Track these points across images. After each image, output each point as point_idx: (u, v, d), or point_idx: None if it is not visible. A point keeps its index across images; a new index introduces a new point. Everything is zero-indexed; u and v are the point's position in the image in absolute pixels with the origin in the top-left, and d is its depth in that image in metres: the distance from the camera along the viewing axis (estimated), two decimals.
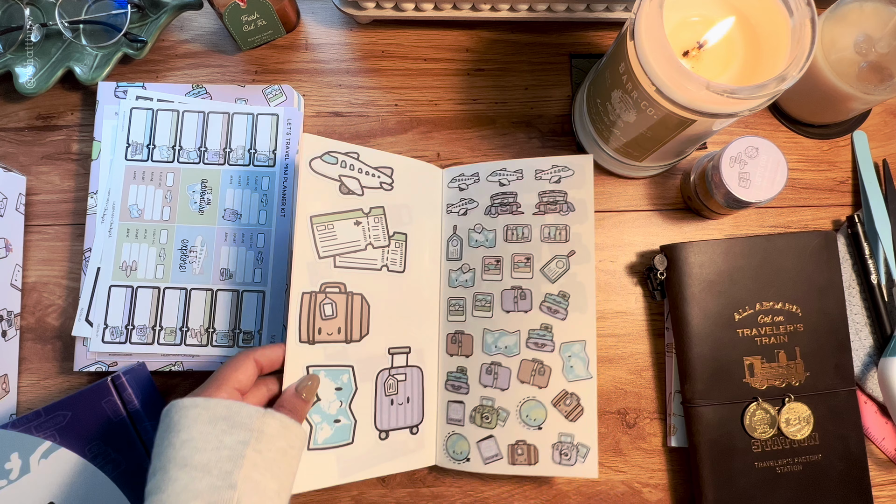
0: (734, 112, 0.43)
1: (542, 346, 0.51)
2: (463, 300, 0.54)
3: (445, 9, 0.57)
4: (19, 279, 0.55)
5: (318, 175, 0.49)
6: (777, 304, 0.55)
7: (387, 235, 0.52)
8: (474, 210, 0.55)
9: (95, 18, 0.57)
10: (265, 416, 0.40)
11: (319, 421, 0.47)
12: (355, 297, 0.50)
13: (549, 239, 0.52)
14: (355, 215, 0.51)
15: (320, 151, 0.49)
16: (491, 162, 0.55)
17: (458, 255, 0.55)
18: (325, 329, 0.48)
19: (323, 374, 0.47)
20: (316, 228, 0.49)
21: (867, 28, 0.53)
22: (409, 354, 0.52)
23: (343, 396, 0.48)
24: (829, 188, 0.60)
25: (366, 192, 0.52)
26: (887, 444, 0.56)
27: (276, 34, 0.59)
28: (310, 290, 0.48)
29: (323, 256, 0.49)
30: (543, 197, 0.53)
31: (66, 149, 0.58)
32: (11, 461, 0.46)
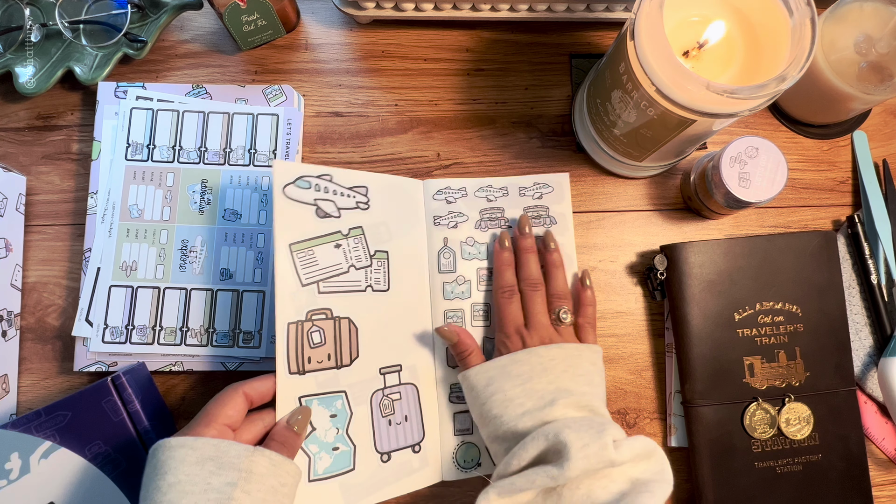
0: (734, 112, 0.43)
1: None
2: (461, 312, 0.54)
3: (445, 9, 0.57)
4: (19, 279, 0.55)
5: (293, 201, 0.49)
6: (777, 304, 0.55)
7: (368, 255, 0.52)
8: (465, 224, 0.56)
9: (95, 18, 0.57)
10: (254, 454, 0.40)
11: (317, 451, 0.46)
12: (342, 322, 0.49)
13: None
14: (335, 238, 0.50)
15: (293, 177, 0.49)
16: (475, 179, 0.56)
17: (451, 268, 0.55)
18: (315, 357, 0.47)
19: (316, 402, 0.47)
20: (296, 256, 0.48)
21: (867, 28, 0.53)
22: (400, 372, 0.52)
23: (339, 423, 0.48)
24: (829, 188, 0.60)
25: (343, 213, 0.51)
26: (887, 444, 0.56)
27: (276, 34, 0.59)
28: (296, 320, 0.47)
29: (306, 284, 0.48)
30: (528, 212, 0.56)
31: (66, 149, 0.58)
32: (11, 461, 0.46)
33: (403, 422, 0.51)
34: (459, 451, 0.52)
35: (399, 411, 0.51)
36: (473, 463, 0.52)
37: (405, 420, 0.51)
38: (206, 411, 0.42)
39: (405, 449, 0.51)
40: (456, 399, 0.53)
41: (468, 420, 0.53)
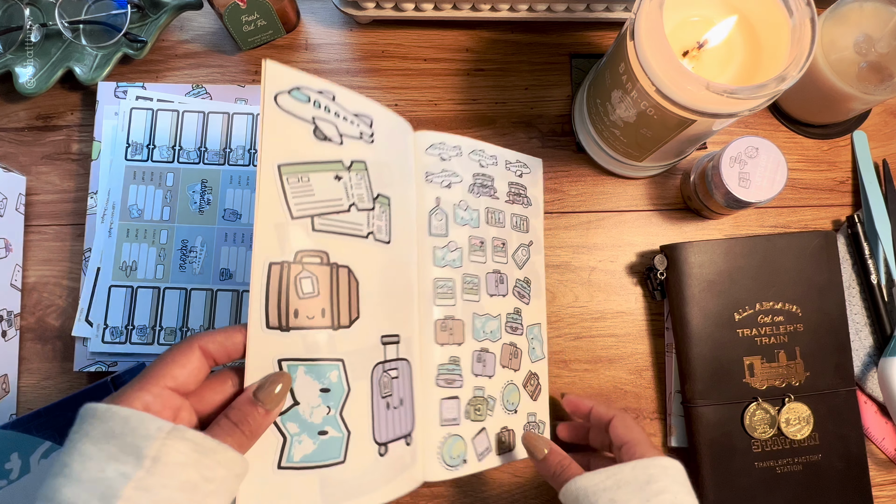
0: (734, 112, 0.43)
1: (515, 329, 0.52)
2: (452, 282, 0.47)
3: (445, 9, 0.57)
4: (19, 279, 0.55)
5: (287, 114, 0.38)
6: (777, 304, 0.55)
7: (371, 197, 0.42)
8: (459, 185, 0.50)
9: (95, 18, 0.57)
10: (169, 436, 0.30)
11: (297, 432, 0.36)
12: (341, 271, 0.39)
13: (517, 228, 0.54)
14: (335, 168, 0.40)
15: (288, 85, 0.39)
16: (470, 138, 0.52)
17: (443, 231, 0.48)
18: (305, 310, 0.37)
19: (303, 370, 0.36)
20: (287, 180, 0.38)
21: (867, 28, 0.53)
22: (398, 345, 0.42)
23: (332, 401, 0.37)
24: (829, 188, 0.60)
25: (345, 141, 0.41)
26: (887, 444, 0.56)
27: (276, 34, 0.59)
28: (280, 260, 0.36)
29: (297, 216, 0.37)
30: (511, 187, 0.54)
31: (66, 149, 0.58)
32: (11, 461, 0.46)
33: (399, 406, 0.42)
34: (445, 446, 0.45)
35: (397, 392, 0.41)
36: (460, 459, 0.45)
37: (401, 404, 0.42)
38: (149, 368, 0.33)
39: (400, 440, 0.41)
40: (443, 383, 0.46)
41: (455, 407, 0.46)
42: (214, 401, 0.34)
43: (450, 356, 0.46)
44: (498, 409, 0.49)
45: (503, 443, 0.49)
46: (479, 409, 0.48)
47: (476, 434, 0.47)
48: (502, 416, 0.50)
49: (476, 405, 0.48)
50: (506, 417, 0.50)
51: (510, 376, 0.51)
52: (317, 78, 0.40)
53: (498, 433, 0.49)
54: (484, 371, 0.49)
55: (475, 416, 0.47)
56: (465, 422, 0.46)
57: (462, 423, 0.46)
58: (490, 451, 0.48)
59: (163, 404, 0.32)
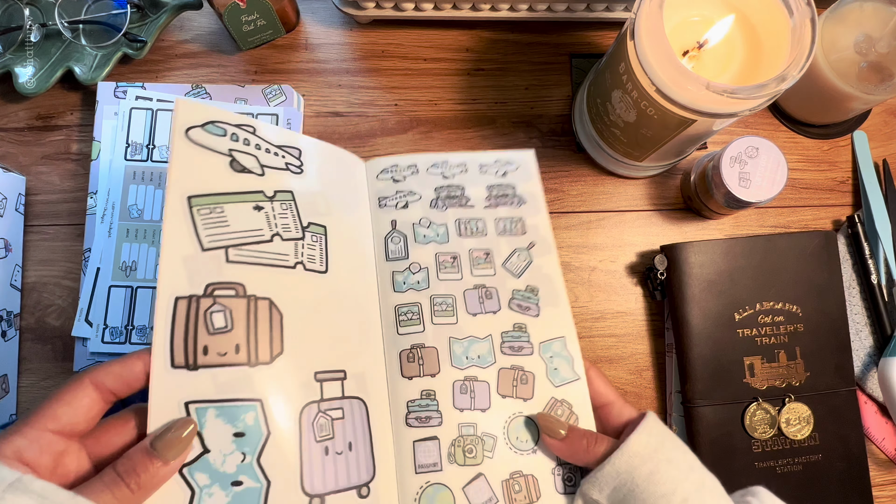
0: (734, 112, 0.43)
1: (520, 349, 0.43)
2: (417, 306, 0.43)
3: (445, 9, 0.57)
4: (19, 279, 0.55)
5: (199, 146, 0.37)
6: (777, 304, 0.55)
7: (299, 226, 0.40)
8: (417, 203, 0.46)
9: (95, 18, 0.57)
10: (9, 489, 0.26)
11: (207, 483, 0.32)
12: (261, 303, 0.36)
13: (506, 232, 0.47)
14: (254, 198, 0.39)
15: (200, 120, 0.38)
16: (427, 153, 0.48)
17: (402, 254, 0.45)
18: (215, 347, 0.34)
19: (213, 412, 0.33)
20: (197, 212, 0.36)
21: (867, 28, 0.53)
22: (344, 381, 0.39)
23: (247, 446, 0.33)
24: (829, 188, 0.60)
25: (267, 171, 0.40)
26: (887, 444, 0.56)
27: (276, 34, 0.59)
28: (188, 294, 0.34)
29: (208, 248, 0.36)
30: (492, 190, 0.48)
31: (66, 149, 0.58)
32: None
33: (346, 451, 0.37)
34: (424, 497, 0.39)
35: (341, 436, 0.37)
36: None
37: (349, 449, 0.37)
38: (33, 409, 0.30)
39: (348, 491, 0.36)
40: (415, 421, 0.40)
41: (434, 450, 0.39)
42: (114, 444, 0.31)
43: (421, 390, 0.41)
44: (502, 450, 0.40)
45: (517, 492, 0.40)
46: (472, 450, 0.40)
47: (469, 482, 0.39)
48: (510, 458, 0.40)
49: (465, 446, 0.40)
50: (517, 459, 0.40)
51: (517, 407, 0.42)
52: (235, 113, 0.40)
53: (506, 480, 0.40)
54: (473, 404, 0.41)
55: (465, 460, 0.40)
56: (449, 466, 0.39)
57: (445, 469, 0.39)
58: (496, 501, 0.39)
59: (41, 449, 0.29)
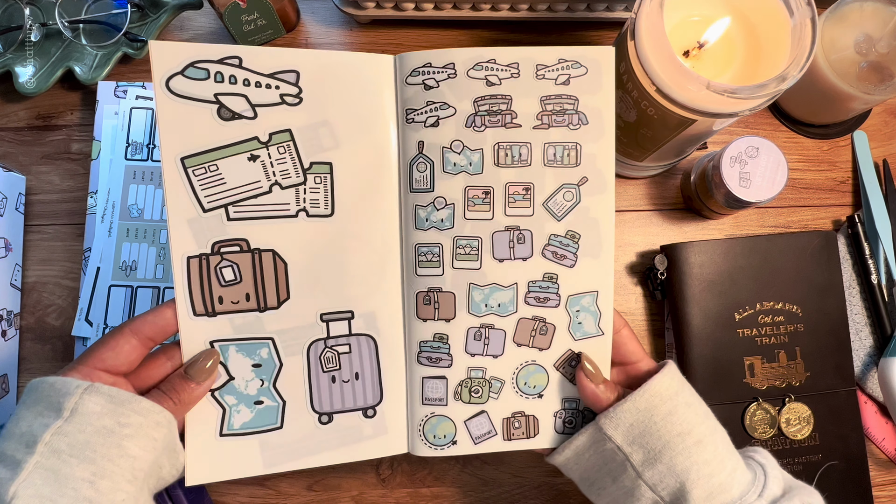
0: (734, 112, 0.43)
1: (545, 300, 0.41)
2: (438, 247, 0.41)
3: (445, 9, 0.57)
4: (19, 279, 0.55)
5: (182, 99, 0.37)
6: (777, 304, 0.55)
7: (300, 169, 0.40)
8: (449, 120, 0.40)
9: (95, 18, 0.57)
10: (87, 392, 0.34)
11: (235, 403, 0.40)
12: (265, 255, 0.40)
13: (555, 162, 0.40)
14: (248, 147, 0.39)
15: (180, 64, 0.37)
16: (471, 49, 0.40)
17: (427, 185, 0.41)
18: (228, 297, 0.39)
19: (234, 349, 0.40)
20: (192, 173, 0.38)
21: (867, 28, 0.53)
22: (351, 320, 0.42)
23: (264, 374, 0.40)
24: (829, 188, 0.60)
25: (260, 112, 0.39)
26: (887, 444, 0.56)
27: (276, 34, 0.59)
28: (197, 254, 0.38)
29: (209, 209, 0.38)
30: (547, 104, 0.40)
31: (66, 148, 0.58)
32: None
33: (353, 380, 0.42)
34: (427, 424, 0.42)
35: (347, 367, 0.42)
36: (448, 440, 0.42)
37: (355, 378, 0.42)
38: (83, 353, 0.37)
39: (353, 412, 0.42)
40: (426, 361, 0.42)
41: (441, 387, 0.42)
42: (153, 376, 0.39)
43: (434, 333, 0.42)
44: (508, 393, 0.42)
45: (516, 428, 0.43)
46: (478, 391, 0.42)
47: (471, 416, 0.43)
48: (515, 401, 0.42)
49: (472, 387, 0.42)
50: (522, 402, 0.42)
51: (531, 355, 0.42)
52: (215, 45, 0.38)
53: (507, 418, 0.42)
54: (486, 351, 0.42)
55: (470, 398, 0.42)
56: (454, 403, 0.42)
57: (450, 405, 0.42)
58: (494, 434, 0.43)
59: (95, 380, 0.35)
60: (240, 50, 0.38)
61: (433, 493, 0.54)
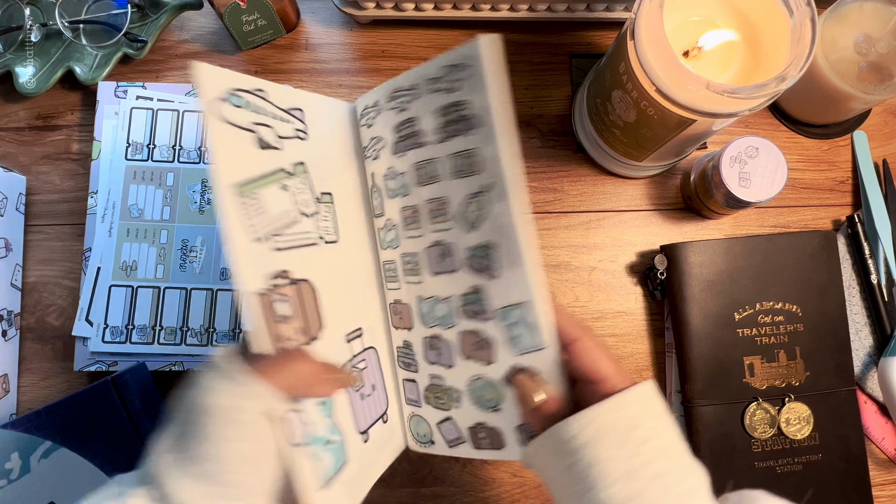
0: (734, 112, 0.43)
1: (477, 313, 0.39)
2: (394, 264, 0.44)
3: (445, 9, 0.57)
4: (19, 279, 0.55)
5: (229, 126, 0.35)
6: (777, 303, 0.55)
7: (314, 199, 0.40)
8: (383, 150, 0.43)
9: (95, 18, 0.57)
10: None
11: (317, 451, 0.37)
12: (303, 286, 0.38)
13: (460, 172, 0.39)
14: (279, 177, 0.38)
15: (224, 90, 0.35)
16: (389, 81, 0.42)
17: (380, 210, 0.44)
18: (285, 334, 0.36)
19: None
20: (246, 202, 0.36)
21: (867, 28, 0.53)
22: (362, 336, 0.43)
23: (326, 410, 0.38)
24: (829, 188, 0.60)
25: (284, 144, 0.39)
26: (887, 444, 0.56)
27: (276, 34, 0.59)
28: (261, 289, 0.35)
29: (258, 239, 0.36)
30: (445, 115, 0.39)
31: (66, 149, 0.58)
32: (11, 461, 0.46)
33: (372, 392, 0.43)
34: (412, 422, 0.45)
35: (368, 381, 0.43)
36: (427, 440, 0.44)
37: (373, 389, 0.43)
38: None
39: (377, 422, 0.43)
40: (402, 365, 0.45)
41: (415, 389, 0.44)
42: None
43: (403, 340, 0.45)
44: (467, 404, 0.41)
45: (482, 439, 0.41)
46: (441, 397, 0.43)
47: (441, 421, 0.43)
48: (474, 413, 0.41)
49: (436, 393, 0.43)
50: (481, 414, 0.41)
51: (479, 370, 0.40)
52: (246, 76, 0.37)
53: (472, 427, 0.41)
54: (439, 360, 0.42)
55: (436, 403, 0.43)
56: (425, 406, 0.44)
57: (423, 406, 0.44)
58: (463, 441, 0.42)
59: None
60: (263, 83, 0.38)
61: (433, 492, 0.55)
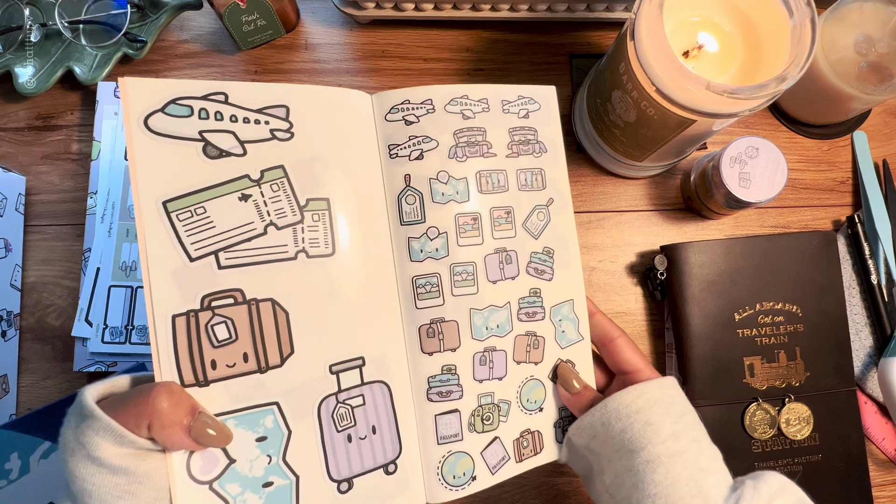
0: (734, 112, 0.43)
1: (534, 314, 0.43)
2: (436, 276, 0.40)
3: (445, 9, 0.57)
4: (19, 279, 0.55)
5: (162, 138, 0.33)
6: (777, 304, 0.55)
7: (296, 207, 0.37)
8: (433, 152, 0.40)
9: (95, 18, 0.57)
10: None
11: (240, 491, 0.34)
12: (263, 306, 0.35)
13: (527, 186, 0.43)
14: (238, 186, 0.35)
15: (159, 102, 0.34)
16: (445, 86, 0.42)
17: (419, 217, 0.40)
18: (223, 360, 0.34)
19: (233, 423, 0.34)
20: (176, 218, 0.33)
21: (867, 28, 0.53)
22: (363, 368, 0.38)
23: (271, 448, 0.35)
24: (829, 188, 0.60)
25: (249, 148, 0.36)
26: (887, 444, 0.56)
27: (276, 34, 0.59)
28: (184, 311, 0.33)
29: (196, 257, 0.34)
30: (514, 135, 0.43)
31: (66, 149, 0.58)
32: (11, 461, 0.46)
33: (370, 435, 0.38)
34: (446, 465, 0.40)
35: (363, 422, 0.38)
36: (468, 478, 0.40)
37: (372, 433, 0.38)
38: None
39: (374, 471, 0.38)
40: (436, 397, 0.40)
41: (455, 422, 0.40)
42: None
43: (442, 365, 0.40)
44: (515, 414, 0.42)
45: (525, 447, 0.42)
46: (489, 417, 0.41)
47: (486, 446, 0.41)
48: (521, 419, 0.42)
49: (483, 415, 0.41)
50: (526, 419, 0.42)
51: (529, 371, 0.43)
52: (199, 81, 0.35)
53: (517, 439, 0.42)
54: (492, 374, 0.41)
55: (484, 428, 0.41)
56: (469, 436, 0.40)
57: (466, 438, 0.40)
58: (507, 459, 0.41)
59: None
60: (225, 86, 0.36)
61: None
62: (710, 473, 0.38)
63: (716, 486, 0.38)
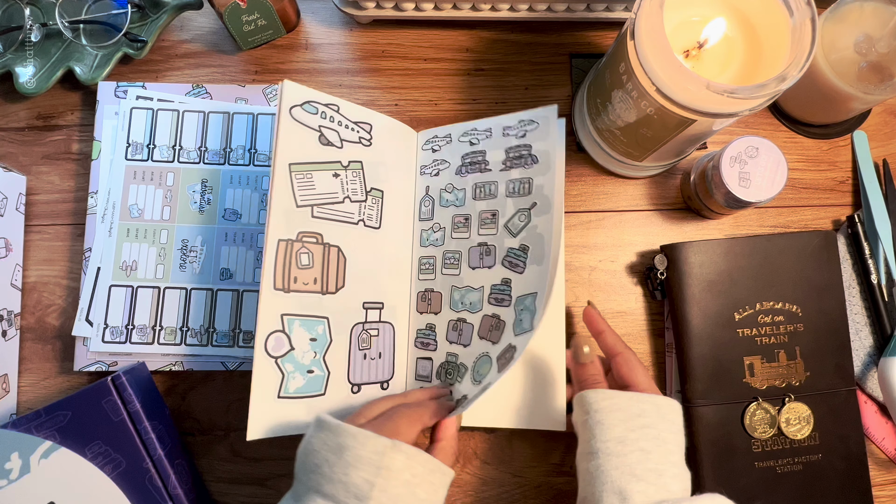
0: (734, 112, 0.43)
1: (501, 301, 0.51)
2: (433, 259, 0.54)
3: (445, 9, 0.57)
4: (19, 279, 0.55)
5: (298, 123, 0.49)
6: (777, 303, 0.55)
7: (364, 190, 0.52)
8: (446, 170, 0.55)
9: (95, 18, 0.57)
10: (392, 450, 0.39)
11: (292, 370, 0.47)
12: (332, 249, 0.50)
13: (514, 193, 0.52)
14: (334, 167, 0.51)
15: (301, 100, 0.49)
16: (463, 123, 0.55)
17: (429, 215, 0.55)
18: (301, 278, 0.48)
19: (298, 323, 0.48)
20: (294, 176, 0.49)
21: (867, 28, 0.53)
22: (382, 310, 0.52)
23: (318, 347, 0.49)
24: (829, 188, 0.60)
25: (345, 145, 0.52)
26: (887, 444, 0.56)
27: (276, 34, 0.59)
28: (286, 238, 0.48)
29: (301, 205, 0.49)
30: (510, 153, 0.53)
31: (66, 149, 0.58)
32: (11, 461, 0.46)
33: (377, 358, 0.52)
34: None
35: (375, 347, 0.52)
36: None
37: (379, 357, 0.52)
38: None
39: (375, 384, 0.52)
40: (420, 345, 0.54)
41: (428, 367, 0.53)
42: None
43: (427, 323, 0.54)
44: (466, 379, 0.50)
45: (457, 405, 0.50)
46: (451, 373, 0.52)
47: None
48: (468, 385, 0.50)
49: (448, 369, 0.52)
50: (471, 387, 0.50)
51: (487, 348, 0.50)
52: (324, 93, 0.51)
53: (459, 399, 0.50)
54: (460, 340, 0.52)
55: (445, 378, 0.52)
56: (435, 381, 0.53)
57: (433, 382, 0.53)
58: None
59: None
60: (338, 101, 0.52)
61: None
62: (643, 482, 0.40)
63: (641, 492, 0.40)
